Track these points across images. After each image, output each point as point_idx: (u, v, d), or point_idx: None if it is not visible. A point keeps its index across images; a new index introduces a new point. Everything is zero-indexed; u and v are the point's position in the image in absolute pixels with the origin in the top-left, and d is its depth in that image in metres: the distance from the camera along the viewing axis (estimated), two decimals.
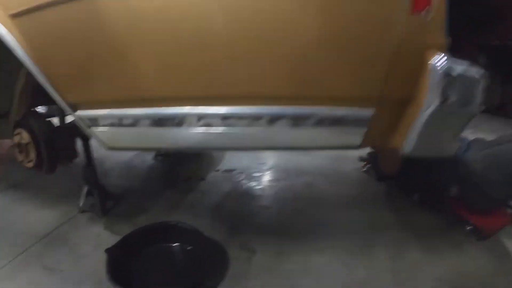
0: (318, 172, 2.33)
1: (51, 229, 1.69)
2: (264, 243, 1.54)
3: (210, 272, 1.30)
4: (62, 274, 1.37)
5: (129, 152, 2.91)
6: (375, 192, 1.93)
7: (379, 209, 1.73)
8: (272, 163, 2.65)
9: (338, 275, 1.22)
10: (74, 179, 2.11)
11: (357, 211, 1.74)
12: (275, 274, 1.35)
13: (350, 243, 1.42)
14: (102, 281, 1.29)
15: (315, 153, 2.78)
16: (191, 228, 1.49)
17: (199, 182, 2.31)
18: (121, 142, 1.19)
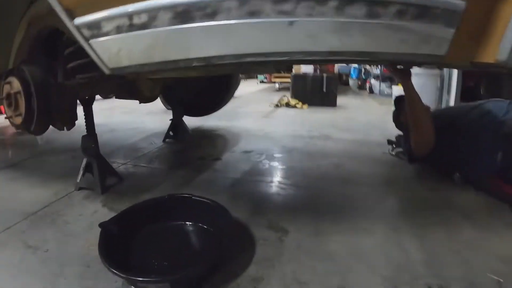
0: (344, 155, 2.11)
1: (41, 206, 1.42)
2: (296, 222, 1.25)
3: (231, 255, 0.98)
4: (45, 254, 1.09)
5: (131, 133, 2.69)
6: (409, 173, 1.77)
7: (417, 189, 1.56)
8: (292, 146, 2.39)
9: (393, 258, 1.00)
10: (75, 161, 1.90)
11: (394, 191, 1.56)
12: (317, 257, 1.04)
13: (396, 223, 1.22)
14: (91, 263, 1.03)
15: (338, 137, 2.62)
16: (209, 202, 1.18)
17: (215, 162, 2.02)
18: (128, 57, 0.86)
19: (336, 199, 1.47)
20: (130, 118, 3.71)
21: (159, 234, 1.17)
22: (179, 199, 1.25)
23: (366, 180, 1.68)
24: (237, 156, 2.14)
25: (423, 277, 0.91)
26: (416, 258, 0.99)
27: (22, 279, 0.97)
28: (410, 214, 1.30)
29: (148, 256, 1.05)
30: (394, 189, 1.58)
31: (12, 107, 1.24)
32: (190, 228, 1.18)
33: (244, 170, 1.86)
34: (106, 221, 1.11)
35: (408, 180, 1.68)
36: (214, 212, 1.14)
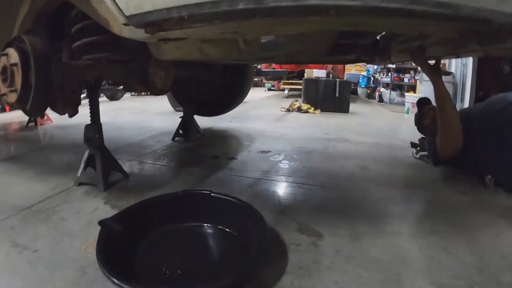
0: (367, 157, 2.00)
1: (35, 201, 1.25)
2: (329, 225, 1.09)
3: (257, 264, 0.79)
4: (34, 255, 0.91)
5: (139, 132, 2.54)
6: (436, 175, 1.67)
7: (447, 192, 1.45)
8: (311, 147, 2.23)
9: (443, 263, 0.88)
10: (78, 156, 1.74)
11: (424, 193, 1.45)
12: (360, 264, 0.87)
13: (434, 226, 1.10)
14: (88, 269, 0.84)
15: (356, 141, 2.51)
16: (233, 200, 0.99)
17: (230, 161, 1.84)
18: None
19: (367, 200, 1.35)
20: (138, 118, 3.57)
21: (170, 237, 0.98)
22: (195, 196, 1.07)
23: (394, 182, 1.57)
24: (254, 156, 1.97)
25: (480, 284, 0.80)
26: (467, 263, 0.88)
27: (2, 282, 0.79)
28: (446, 217, 1.18)
29: (157, 264, 0.86)
30: (424, 191, 1.47)
31: (7, 82, 1.07)
32: (208, 231, 0.99)
33: (263, 170, 1.68)
34: (107, 219, 0.93)
35: (436, 183, 1.57)
36: (238, 213, 0.96)
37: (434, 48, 1.48)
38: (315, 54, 1.95)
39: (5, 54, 1.10)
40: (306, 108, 4.30)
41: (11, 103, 1.09)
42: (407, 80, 5.98)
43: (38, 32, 1.10)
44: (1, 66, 1.11)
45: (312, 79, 4.74)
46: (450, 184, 1.53)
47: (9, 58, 1.08)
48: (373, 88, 7.20)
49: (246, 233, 0.89)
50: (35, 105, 1.05)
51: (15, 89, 1.06)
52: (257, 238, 0.86)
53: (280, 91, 8.21)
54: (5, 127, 3.02)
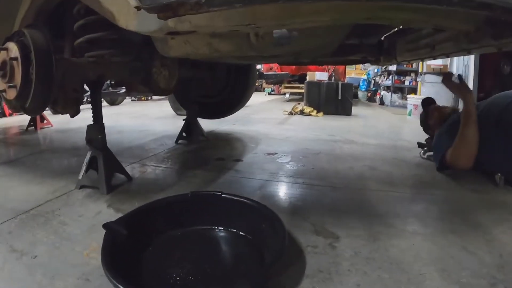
0: (374, 158, 1.97)
1: (34, 205, 1.19)
2: (344, 226, 1.04)
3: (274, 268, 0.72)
4: (33, 261, 0.85)
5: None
6: (446, 175, 1.63)
7: (460, 191, 1.43)
8: (317, 149, 2.19)
9: (464, 263, 0.85)
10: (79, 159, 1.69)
11: (437, 193, 1.41)
12: (381, 265, 0.83)
13: (451, 225, 1.06)
14: (91, 276, 0.78)
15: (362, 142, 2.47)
16: (246, 201, 0.93)
17: (236, 163, 1.78)
18: None
19: (380, 201, 1.30)
20: (139, 122, 3.52)
21: (179, 241, 0.92)
22: (205, 197, 1.01)
23: (405, 182, 1.55)
24: (260, 157, 1.91)
25: (502, 281, 0.77)
26: (487, 262, 0.85)
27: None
28: (462, 216, 1.14)
29: (166, 270, 0.80)
30: (436, 190, 1.43)
31: (7, 78, 1.02)
32: (220, 234, 0.93)
33: (270, 171, 1.62)
34: (112, 222, 0.87)
35: (447, 182, 1.54)
36: (252, 214, 0.90)
37: (445, 45, 1.45)
38: (323, 52, 1.91)
39: (4, 48, 1.04)
40: (309, 111, 4.26)
41: (10, 100, 1.04)
42: (408, 83, 5.97)
43: (39, 26, 1.05)
44: (0, 61, 1.06)
45: (314, 82, 4.70)
46: (461, 183, 1.50)
47: (9, 52, 1.03)
48: (374, 91, 7.19)
49: (261, 235, 0.84)
50: (35, 102, 1.00)
51: (15, 85, 1.00)
52: (273, 241, 0.80)
53: (280, 96, 8.18)
54: (5, 131, 2.97)
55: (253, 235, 0.87)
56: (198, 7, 0.61)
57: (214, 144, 2.34)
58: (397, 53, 2.02)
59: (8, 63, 1.02)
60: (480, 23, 0.99)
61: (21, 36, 1.02)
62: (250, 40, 1.09)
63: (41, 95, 1.01)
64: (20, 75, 0.99)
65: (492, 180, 1.45)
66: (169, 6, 0.62)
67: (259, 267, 0.77)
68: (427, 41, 1.59)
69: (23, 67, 0.98)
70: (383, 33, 2.01)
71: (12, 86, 1.01)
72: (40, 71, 0.98)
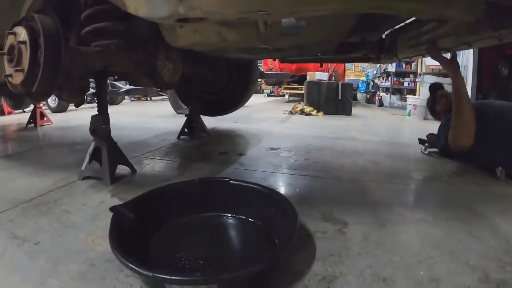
0: (377, 153, 1.97)
1: (36, 195, 1.17)
2: (352, 213, 1.04)
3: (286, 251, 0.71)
4: (35, 247, 0.83)
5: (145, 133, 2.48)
6: (449, 169, 1.64)
7: (463, 184, 1.43)
8: (320, 145, 2.19)
9: (471, 246, 0.86)
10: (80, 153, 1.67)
11: (441, 185, 1.42)
12: (391, 248, 0.83)
13: (456, 214, 1.07)
14: (96, 261, 0.77)
15: (364, 139, 2.48)
16: (256, 187, 0.92)
17: (239, 157, 1.77)
18: None
19: (386, 191, 1.31)
20: (139, 120, 3.51)
21: (188, 227, 0.91)
22: (213, 183, 0.99)
23: (409, 175, 1.55)
24: (264, 152, 1.90)
25: (510, 264, 0.77)
26: (494, 246, 0.86)
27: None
28: (466, 206, 1.15)
29: (175, 254, 0.78)
30: (440, 183, 1.45)
31: (14, 62, 1.00)
32: (229, 221, 0.92)
33: (274, 164, 1.61)
34: (119, 205, 0.86)
35: (450, 175, 1.55)
36: (261, 200, 0.89)
37: (446, 39, 1.46)
38: (327, 47, 1.92)
39: (12, 32, 1.03)
40: (309, 110, 4.26)
41: (16, 85, 1.02)
42: (407, 84, 6.00)
43: (49, 12, 1.04)
44: (7, 45, 1.04)
45: (315, 81, 4.72)
46: (463, 176, 1.52)
47: (17, 37, 1.01)
48: (373, 93, 7.21)
49: (271, 221, 0.83)
50: (42, 87, 0.99)
51: (22, 69, 0.99)
52: (283, 225, 0.79)
53: (280, 97, 8.19)
54: (4, 128, 2.94)
55: (263, 221, 0.86)
56: None
57: (216, 140, 2.32)
58: (398, 50, 2.03)
59: (16, 47, 1.01)
60: (480, 13, 1.01)
61: (30, 21, 1.01)
62: (258, 29, 1.09)
63: (48, 80, 0.99)
64: (28, 59, 0.97)
65: (493, 173, 1.46)
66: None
67: (270, 251, 0.76)
68: (428, 37, 1.60)
69: (31, 51, 0.97)
70: (384, 30, 2.02)
71: (19, 70, 1.00)
72: (48, 55, 0.97)
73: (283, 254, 0.68)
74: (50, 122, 3.04)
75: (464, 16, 0.99)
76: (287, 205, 0.82)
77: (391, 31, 2.06)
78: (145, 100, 6.98)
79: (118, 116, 3.83)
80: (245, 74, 2.64)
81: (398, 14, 1.25)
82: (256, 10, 0.85)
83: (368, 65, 8.12)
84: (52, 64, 0.98)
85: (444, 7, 0.92)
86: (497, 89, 4.01)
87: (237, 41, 1.17)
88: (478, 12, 0.98)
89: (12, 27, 1.06)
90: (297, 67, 6.68)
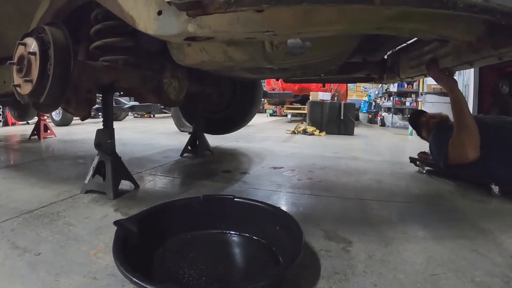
0: (379, 172, 1.98)
1: (38, 206, 1.17)
2: (356, 232, 1.02)
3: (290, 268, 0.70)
4: (36, 258, 0.82)
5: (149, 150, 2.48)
6: (449, 187, 1.66)
7: (464, 201, 1.44)
8: (323, 164, 2.19)
9: (477, 263, 0.86)
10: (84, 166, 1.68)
11: (442, 202, 1.43)
12: (396, 266, 0.81)
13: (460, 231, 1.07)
14: (99, 274, 0.76)
15: (366, 159, 2.49)
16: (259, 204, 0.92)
17: (243, 175, 1.77)
18: None
19: (389, 209, 1.31)
20: (143, 136, 3.54)
21: (192, 243, 0.90)
22: (218, 200, 0.99)
23: (412, 194, 1.56)
24: (267, 171, 1.90)
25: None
26: (499, 262, 0.85)
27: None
28: (469, 223, 1.15)
29: (178, 270, 0.77)
30: (442, 201, 1.46)
31: (23, 72, 1.03)
32: (233, 238, 0.91)
33: (278, 183, 1.61)
34: (123, 219, 0.85)
35: (451, 193, 1.56)
36: (265, 218, 0.88)
37: (447, 59, 1.50)
38: (330, 67, 1.96)
39: (23, 43, 1.07)
40: (312, 130, 4.29)
41: (24, 95, 1.04)
42: (409, 104, 6.06)
43: (59, 24, 1.08)
44: (17, 56, 1.08)
45: (317, 101, 4.78)
46: (464, 194, 1.52)
47: (27, 47, 1.04)
48: (375, 113, 7.28)
49: (276, 239, 0.82)
50: (50, 98, 1.01)
51: (31, 80, 1.02)
52: (288, 243, 0.78)
53: (282, 117, 8.28)
54: (8, 138, 2.97)
55: (267, 239, 0.85)
56: (227, 6, 0.63)
57: (219, 158, 2.33)
58: (400, 70, 2.07)
59: (26, 57, 1.04)
60: (481, 33, 1.03)
61: (40, 32, 1.04)
62: (264, 49, 1.12)
63: (56, 92, 1.01)
64: (37, 70, 1.00)
65: (488, 190, 1.48)
66: (200, 3, 0.64)
67: (274, 269, 0.75)
68: (430, 57, 1.64)
69: (41, 63, 1.00)
70: (386, 51, 2.07)
71: (28, 80, 1.02)
72: (57, 67, 0.99)
73: (287, 272, 0.66)
74: (53, 135, 3.07)
75: (466, 36, 1.01)
76: (292, 223, 0.81)
77: (393, 52, 2.11)
78: (148, 117, 7.06)
79: (122, 132, 3.87)
80: (249, 94, 2.69)
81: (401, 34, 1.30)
82: (263, 30, 0.88)
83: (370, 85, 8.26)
84: (61, 76, 1.01)
85: (446, 27, 0.95)
86: (498, 107, 4.05)
87: (243, 60, 1.20)
88: (479, 31, 1.01)
89: (22, 38, 1.09)
90: (299, 87, 6.80)
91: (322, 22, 0.85)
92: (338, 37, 1.21)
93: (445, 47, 1.46)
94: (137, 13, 0.97)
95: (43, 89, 1.00)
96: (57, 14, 1.21)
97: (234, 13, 0.84)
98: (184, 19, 0.88)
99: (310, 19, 0.84)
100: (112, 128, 1.38)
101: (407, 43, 1.87)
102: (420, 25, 0.93)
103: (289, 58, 1.20)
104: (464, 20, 0.95)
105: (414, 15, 0.84)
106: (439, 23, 0.94)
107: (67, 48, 1.03)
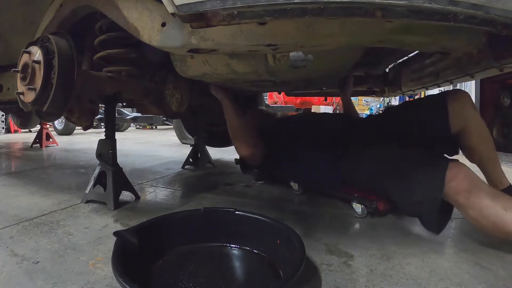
0: None
1: (38, 214, 1.16)
2: (357, 246, 1.01)
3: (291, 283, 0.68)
4: (34, 267, 0.81)
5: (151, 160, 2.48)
6: None
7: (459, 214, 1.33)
8: None
9: (480, 277, 0.85)
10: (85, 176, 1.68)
11: None
12: (398, 281, 0.79)
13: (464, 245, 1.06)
14: (96, 284, 0.75)
15: None
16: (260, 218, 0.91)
17: (245, 188, 1.76)
18: None
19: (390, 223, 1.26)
20: (144, 147, 3.55)
21: (191, 256, 0.88)
22: (218, 213, 0.98)
23: None
24: (269, 185, 1.88)
25: None
26: (502, 276, 0.85)
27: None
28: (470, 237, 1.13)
29: (177, 282, 0.75)
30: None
31: (27, 80, 1.05)
32: (233, 252, 0.89)
33: (283, 198, 1.59)
34: (123, 230, 0.84)
35: None
36: (266, 231, 0.87)
37: (448, 72, 1.51)
38: (332, 80, 1.98)
39: (28, 51, 1.09)
40: None
41: (27, 103, 1.06)
42: None
43: (64, 34, 1.11)
44: (21, 64, 1.09)
45: None
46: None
47: (32, 56, 1.06)
48: None
49: (277, 252, 0.80)
50: (53, 107, 1.02)
51: (34, 88, 1.03)
52: (289, 256, 0.76)
53: None
54: (10, 146, 2.99)
55: (268, 252, 0.84)
56: (230, 18, 0.65)
57: (221, 171, 2.32)
58: (402, 83, 2.09)
59: (30, 65, 1.06)
60: (482, 45, 1.04)
61: (45, 41, 1.06)
62: (267, 62, 1.14)
63: (60, 101, 1.03)
64: (41, 78, 1.01)
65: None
66: (204, 16, 0.66)
67: (275, 282, 0.73)
68: (431, 70, 1.66)
69: (45, 71, 1.01)
70: (388, 64, 2.10)
71: (32, 88, 1.04)
72: (61, 76, 1.01)
73: (288, 286, 0.65)
74: (55, 143, 3.09)
75: (467, 48, 1.02)
76: (294, 237, 0.80)
77: (394, 65, 2.14)
78: (150, 128, 7.10)
79: (124, 143, 3.89)
80: (252, 105, 2.70)
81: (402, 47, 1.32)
82: (266, 43, 0.89)
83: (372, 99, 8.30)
84: (65, 86, 1.02)
85: (447, 39, 0.96)
86: (500, 119, 4.05)
87: (246, 73, 1.21)
88: (480, 43, 1.02)
89: (27, 46, 1.11)
90: (301, 101, 6.84)
91: (325, 35, 0.86)
92: (340, 50, 1.23)
93: (446, 59, 1.47)
94: (142, 24, 0.99)
95: (46, 98, 1.01)
96: (62, 23, 1.24)
97: (237, 26, 0.85)
98: (188, 31, 0.90)
99: (313, 32, 0.85)
100: (114, 138, 1.38)
101: (408, 56, 1.89)
102: (421, 37, 0.93)
103: (292, 71, 1.22)
104: (465, 32, 0.96)
105: (415, 27, 0.85)
106: (440, 35, 0.94)
107: (71, 57, 1.05)
